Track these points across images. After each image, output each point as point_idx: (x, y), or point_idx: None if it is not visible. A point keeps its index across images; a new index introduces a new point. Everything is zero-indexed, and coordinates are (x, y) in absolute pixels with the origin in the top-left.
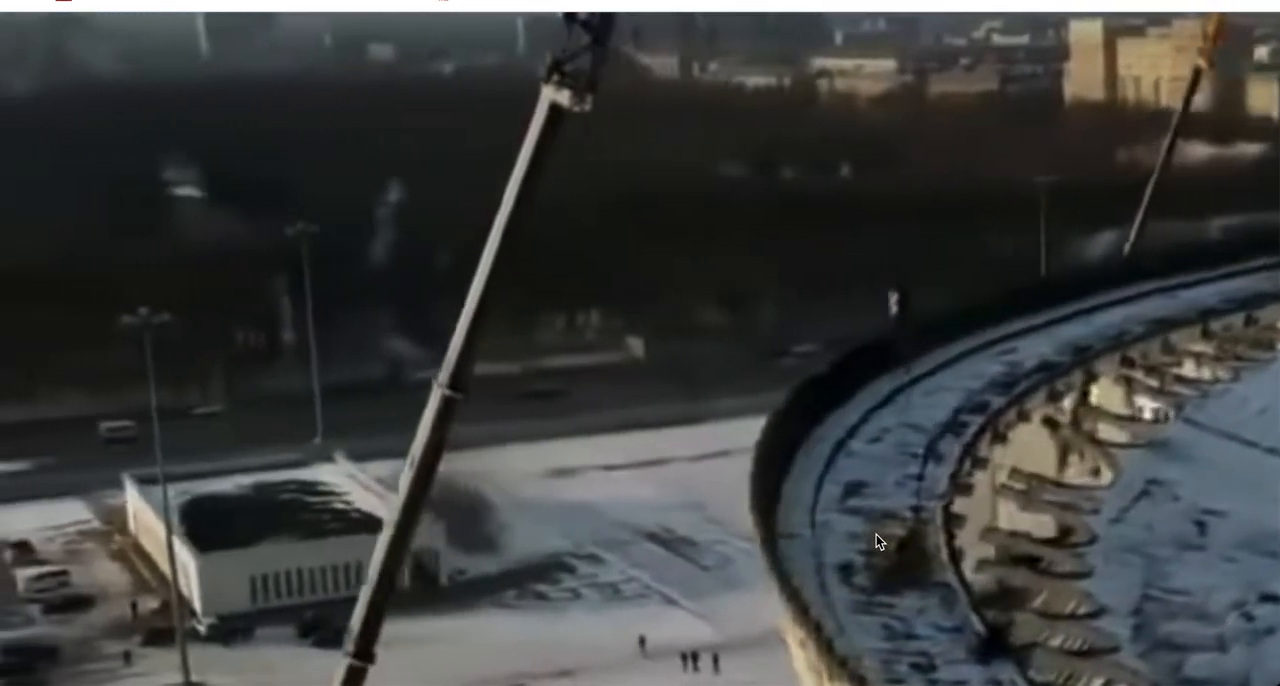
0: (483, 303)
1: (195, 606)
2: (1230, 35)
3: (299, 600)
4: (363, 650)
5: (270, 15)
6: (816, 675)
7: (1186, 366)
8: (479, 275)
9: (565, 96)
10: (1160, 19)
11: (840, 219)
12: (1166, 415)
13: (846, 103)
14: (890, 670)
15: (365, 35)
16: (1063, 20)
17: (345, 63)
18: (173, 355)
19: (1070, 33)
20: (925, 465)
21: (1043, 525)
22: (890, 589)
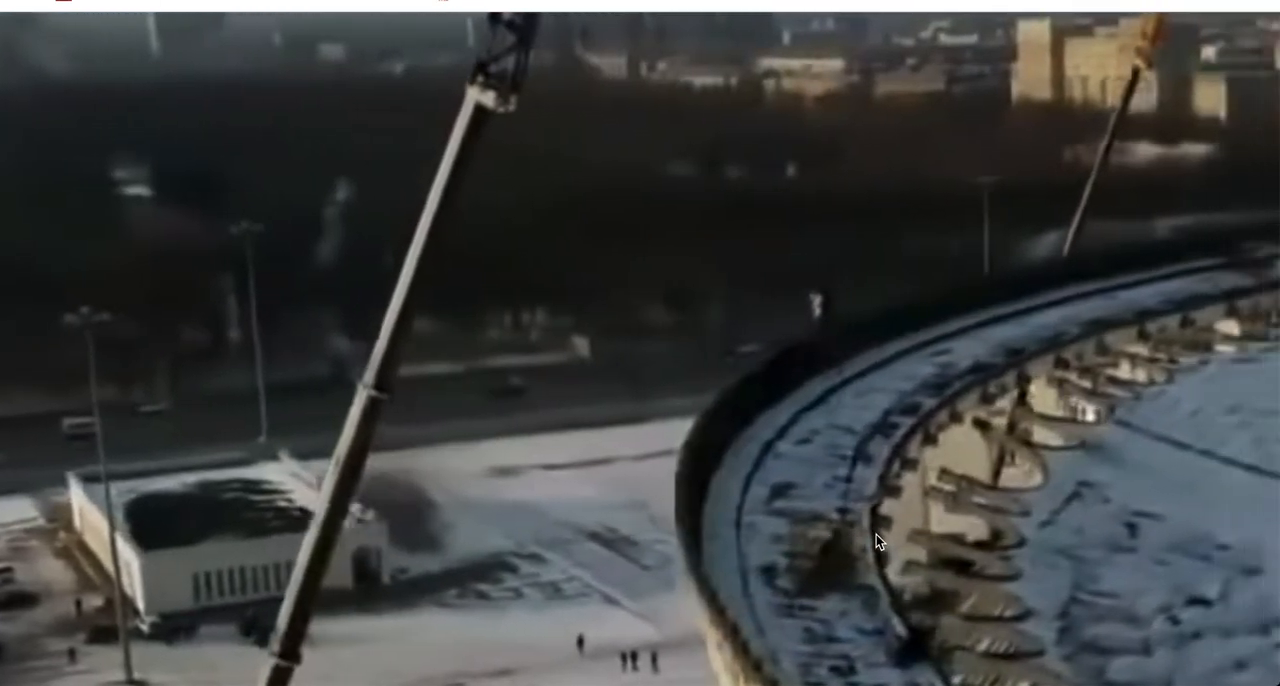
0: (407, 305)
1: (138, 604)
2: (1175, 35)
3: (242, 598)
4: (288, 650)
5: (221, 15)
6: (733, 677)
7: (1121, 368)
8: (403, 277)
9: (490, 98)
10: (1108, 19)
11: (786, 219)
12: (1099, 417)
13: (793, 102)
14: (810, 673)
15: (316, 35)
16: (1011, 20)
17: (296, 62)
18: (119, 353)
19: (1018, 33)
20: (854, 467)
21: (976, 527)
22: (813, 591)
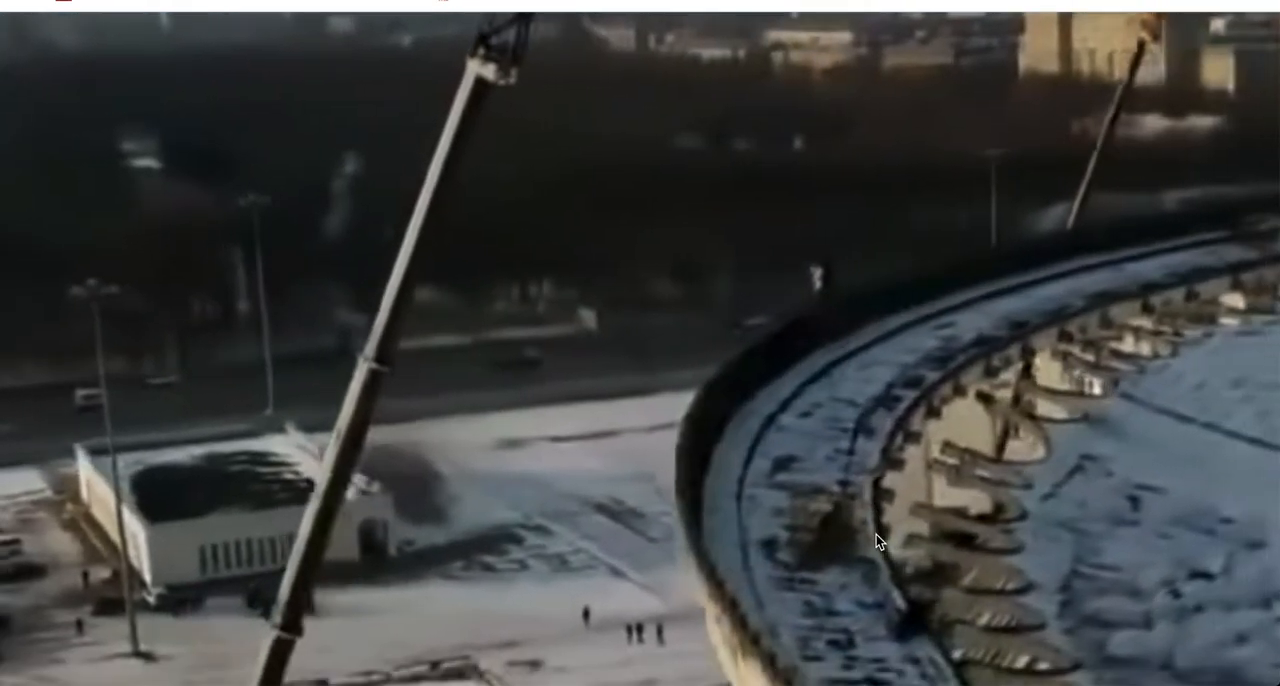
0: (407, 278)
1: (145, 576)
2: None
3: (248, 570)
4: (290, 622)
5: None
6: (731, 650)
7: (1125, 341)
8: (404, 250)
9: (490, 70)
10: None
11: (793, 191)
12: (1103, 390)
13: (801, 75)
14: (808, 646)
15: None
16: None
17: (305, 35)
18: (128, 326)
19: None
20: (856, 440)
21: (979, 501)
22: (814, 565)
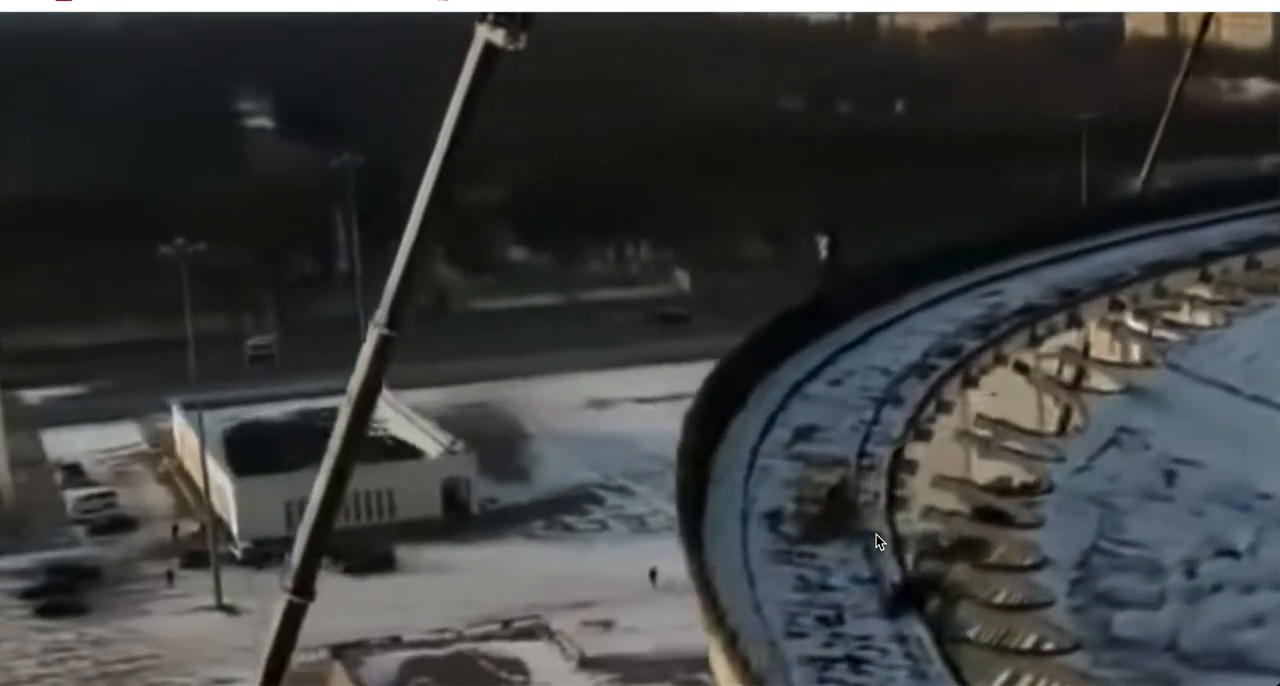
0: (417, 244)
1: (232, 530)
2: None
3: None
4: (302, 586)
5: None
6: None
7: (1180, 311)
8: (414, 216)
9: (499, 35)
10: None
11: (894, 155)
12: (1151, 361)
13: (907, 38)
14: (795, 623)
15: None
16: None
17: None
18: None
19: None
20: (882, 410)
21: (1018, 475)
22: (818, 538)
